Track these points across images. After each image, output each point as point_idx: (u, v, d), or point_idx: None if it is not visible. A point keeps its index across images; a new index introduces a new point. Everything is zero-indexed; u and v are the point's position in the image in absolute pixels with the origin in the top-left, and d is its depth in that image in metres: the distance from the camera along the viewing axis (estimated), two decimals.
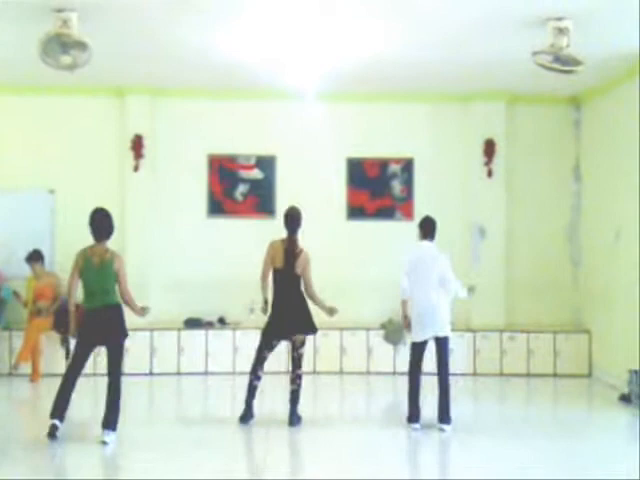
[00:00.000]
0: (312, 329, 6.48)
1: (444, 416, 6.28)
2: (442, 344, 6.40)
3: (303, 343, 6.46)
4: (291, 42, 7.02)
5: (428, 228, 6.56)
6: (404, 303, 6.54)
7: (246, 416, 6.36)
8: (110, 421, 5.76)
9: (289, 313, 6.35)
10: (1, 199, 8.84)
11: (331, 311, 6.54)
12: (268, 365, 6.56)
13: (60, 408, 5.77)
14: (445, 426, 6.24)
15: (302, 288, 6.44)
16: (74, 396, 5.88)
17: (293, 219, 6.40)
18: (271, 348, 6.47)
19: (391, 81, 8.58)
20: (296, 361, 6.45)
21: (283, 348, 7.37)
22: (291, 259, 6.32)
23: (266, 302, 6.41)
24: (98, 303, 5.86)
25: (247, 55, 7.44)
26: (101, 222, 5.99)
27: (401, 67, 7.91)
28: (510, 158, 9.19)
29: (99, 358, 6.46)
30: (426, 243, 6.54)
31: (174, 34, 6.80)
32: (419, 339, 6.40)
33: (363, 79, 8.42)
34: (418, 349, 6.42)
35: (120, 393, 5.88)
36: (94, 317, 5.87)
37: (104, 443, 5.68)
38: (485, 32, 6.67)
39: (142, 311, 6.11)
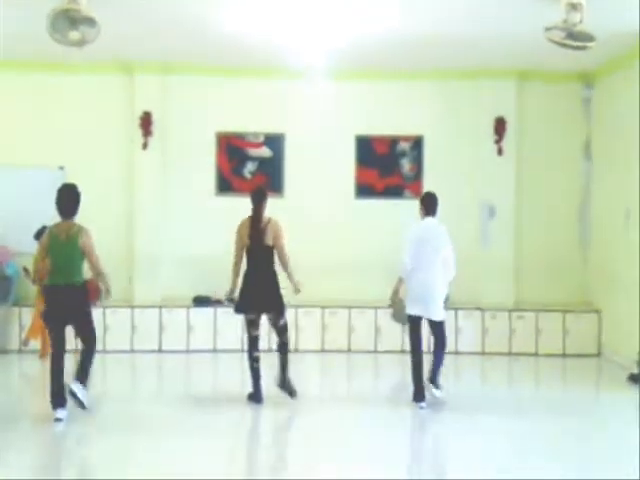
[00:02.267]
0: (280, 308, 6.38)
1: (434, 382, 6.39)
2: (437, 327, 6.44)
3: (278, 318, 6.40)
4: (300, 20, 6.96)
5: (430, 204, 6.52)
6: (400, 281, 6.49)
7: (254, 397, 6.39)
8: (81, 375, 5.81)
9: (258, 289, 6.28)
10: (11, 175, 8.86)
11: (296, 286, 6.39)
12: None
13: (58, 395, 5.75)
14: (435, 391, 6.37)
15: (274, 263, 6.36)
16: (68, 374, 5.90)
17: (257, 195, 6.40)
18: (253, 324, 6.41)
19: (400, 58, 8.51)
20: (279, 332, 6.45)
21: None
22: (258, 231, 6.28)
23: (232, 290, 6.40)
24: (61, 281, 5.77)
25: (256, 33, 7.39)
26: (67, 198, 5.90)
27: (410, 44, 7.83)
28: (520, 136, 9.13)
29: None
30: (429, 220, 6.49)
31: (183, 11, 6.75)
32: (412, 312, 6.41)
33: (372, 57, 8.36)
34: (414, 322, 6.44)
35: (94, 351, 5.94)
36: (56, 295, 5.79)
37: (71, 393, 5.70)
38: (497, 8, 6.59)
39: (106, 293, 5.96)
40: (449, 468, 5.18)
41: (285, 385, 6.41)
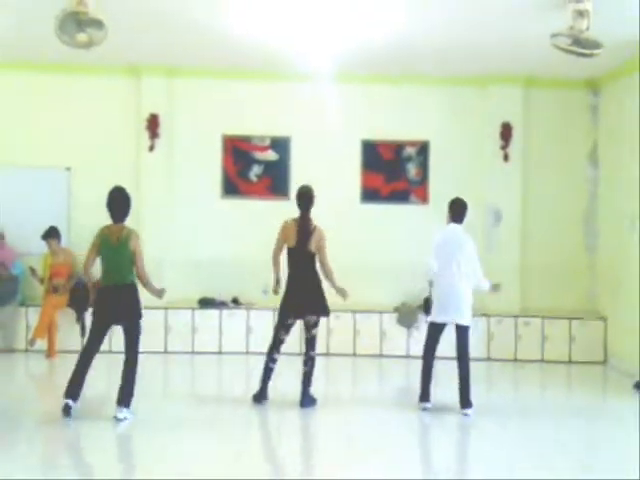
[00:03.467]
0: (324, 311, 6.42)
1: (465, 402, 6.29)
2: (463, 332, 6.36)
3: (316, 324, 6.44)
4: (307, 24, 6.98)
5: (457, 210, 6.50)
6: (431, 284, 6.56)
7: (259, 396, 6.41)
8: (124, 398, 5.84)
9: (302, 293, 6.33)
10: (18, 176, 8.91)
11: (342, 292, 6.48)
12: (284, 346, 6.58)
13: (75, 388, 5.84)
14: (467, 410, 6.27)
15: (317, 268, 6.40)
16: (91, 373, 5.95)
17: (305, 197, 6.39)
18: (286, 329, 6.46)
19: (407, 63, 8.53)
20: (309, 342, 6.46)
21: (297, 330, 7.39)
22: (305, 237, 6.30)
23: (278, 282, 6.46)
24: (113, 281, 5.92)
25: (263, 36, 7.41)
26: (119, 202, 6.01)
27: (417, 49, 7.85)
28: (527, 142, 9.12)
29: (115, 337, 6.48)
30: (454, 226, 6.49)
31: (190, 14, 6.78)
32: (438, 320, 6.37)
33: (378, 61, 8.38)
34: (436, 330, 6.41)
35: (135, 371, 5.97)
36: (109, 294, 5.94)
37: (117, 419, 5.76)
38: (504, 14, 6.60)
39: (159, 292, 6.12)
40: (454, 470, 5.17)
41: (306, 401, 6.36)
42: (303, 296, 6.33)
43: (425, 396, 6.36)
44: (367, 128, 9.21)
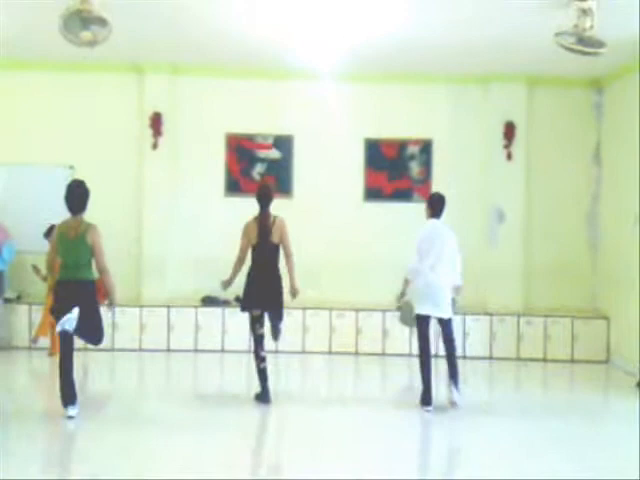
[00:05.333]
0: (280, 311, 6.53)
1: (456, 385, 6.44)
2: (447, 323, 6.54)
3: (278, 319, 6.57)
4: (310, 22, 6.97)
5: (436, 205, 6.59)
6: (406, 282, 6.56)
7: (264, 397, 6.42)
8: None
9: (263, 287, 6.43)
10: (21, 174, 8.92)
11: (294, 288, 6.51)
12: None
13: (69, 393, 5.78)
14: (456, 395, 6.41)
15: (278, 263, 6.50)
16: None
17: (264, 195, 6.56)
18: (258, 322, 6.49)
19: (410, 62, 8.51)
20: (273, 334, 6.66)
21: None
22: (265, 230, 6.46)
23: (229, 281, 6.54)
24: (70, 276, 5.80)
25: (266, 34, 7.41)
26: (76, 194, 5.90)
27: (420, 48, 7.84)
28: (530, 141, 9.11)
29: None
30: (434, 221, 6.56)
31: (194, 12, 6.78)
32: (422, 312, 6.46)
33: (382, 60, 8.37)
34: (423, 322, 6.49)
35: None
36: (66, 290, 5.82)
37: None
38: (507, 12, 6.58)
39: (113, 292, 5.94)
40: (457, 469, 5.17)
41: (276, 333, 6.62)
42: (262, 292, 6.43)
43: (427, 399, 6.33)
44: (370, 126, 9.20)
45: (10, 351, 8.43)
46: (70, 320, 5.64)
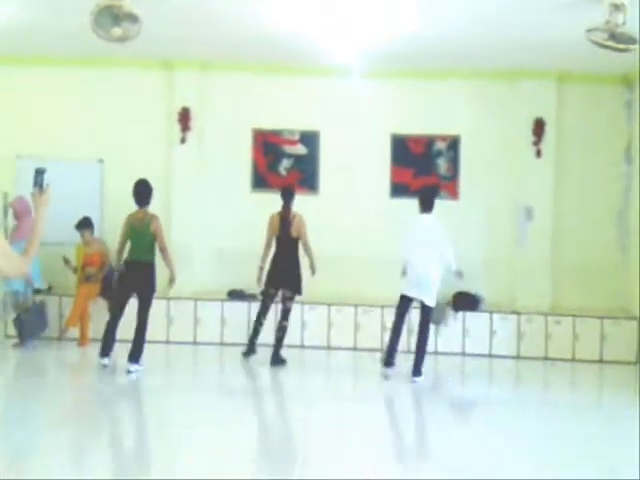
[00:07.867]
0: (297, 289, 7.61)
1: (416, 370, 7.04)
2: (426, 311, 7.20)
3: (291, 299, 7.64)
4: (337, 18, 6.96)
5: (425, 201, 7.25)
6: (404, 273, 7.27)
7: (248, 352, 7.65)
8: (135, 355, 7.00)
9: (281, 270, 7.58)
10: (51, 168, 8.99)
11: (313, 267, 7.61)
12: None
13: (107, 347, 7.10)
14: (416, 378, 7.01)
15: (298, 253, 7.58)
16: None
17: (287, 193, 7.72)
18: (270, 298, 7.73)
19: (438, 58, 8.46)
20: (283, 313, 7.70)
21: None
22: (286, 225, 7.60)
23: (261, 268, 7.69)
24: (135, 257, 7.13)
25: (293, 31, 7.42)
26: (142, 191, 7.19)
27: (449, 44, 7.79)
28: (560, 138, 9.00)
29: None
30: (423, 216, 7.19)
31: (224, 8, 6.82)
32: (408, 294, 7.16)
33: (409, 55, 8.32)
34: (404, 302, 7.22)
35: (144, 333, 7.08)
36: (129, 268, 7.14)
37: (129, 372, 6.91)
38: (538, 7, 6.52)
39: (173, 273, 7.24)
40: (477, 467, 5.15)
41: (275, 361, 7.52)
42: (281, 272, 7.58)
43: (389, 362, 7.05)
44: (397, 122, 9.16)
45: (41, 341, 8.55)
46: None
